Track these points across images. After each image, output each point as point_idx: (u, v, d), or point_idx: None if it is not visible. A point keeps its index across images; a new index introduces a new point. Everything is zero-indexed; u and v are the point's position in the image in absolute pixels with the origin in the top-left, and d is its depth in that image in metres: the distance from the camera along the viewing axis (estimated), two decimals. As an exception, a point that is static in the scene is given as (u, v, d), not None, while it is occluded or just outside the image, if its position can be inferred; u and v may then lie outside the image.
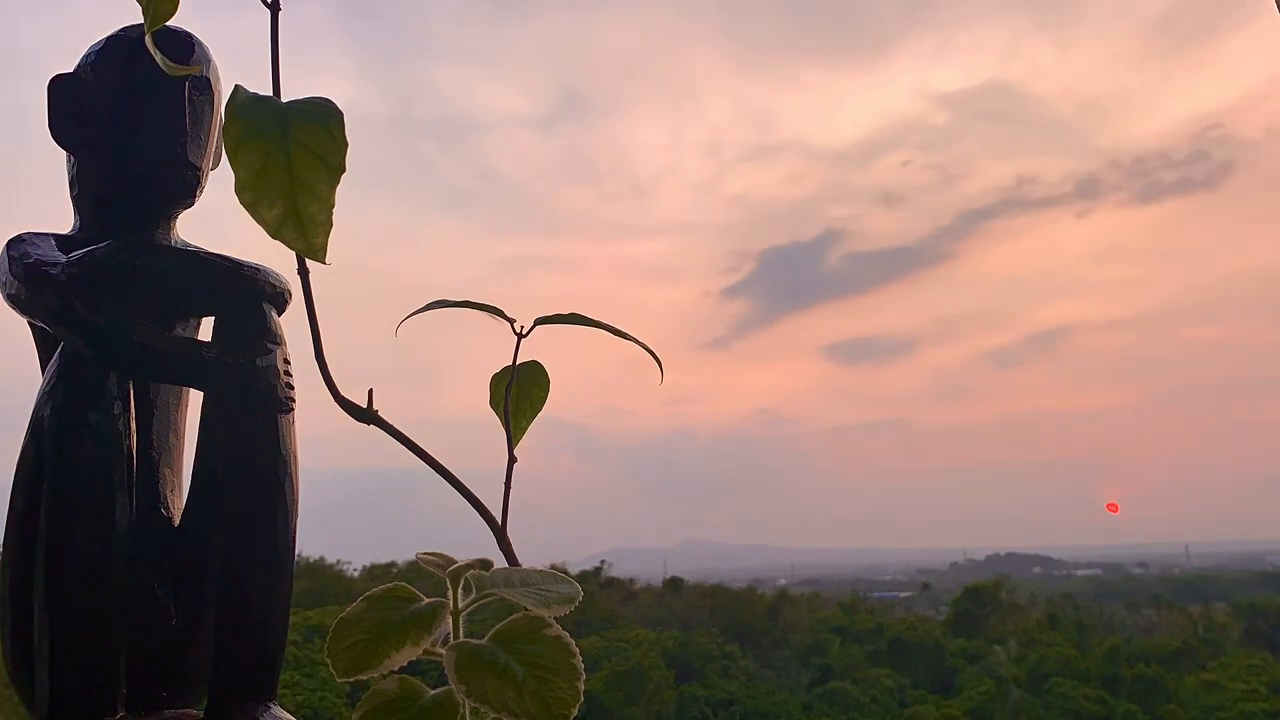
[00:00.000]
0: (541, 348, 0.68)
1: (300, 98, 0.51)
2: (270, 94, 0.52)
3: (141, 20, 0.51)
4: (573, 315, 0.67)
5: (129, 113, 1.02)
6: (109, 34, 1.05)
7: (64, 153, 1.06)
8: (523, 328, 0.67)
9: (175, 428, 1.07)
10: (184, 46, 1.03)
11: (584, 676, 0.52)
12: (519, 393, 0.71)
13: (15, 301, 0.96)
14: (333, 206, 0.49)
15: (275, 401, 0.98)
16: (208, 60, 1.05)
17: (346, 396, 0.59)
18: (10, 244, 0.97)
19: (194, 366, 0.98)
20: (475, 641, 0.53)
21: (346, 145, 0.50)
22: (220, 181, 1.08)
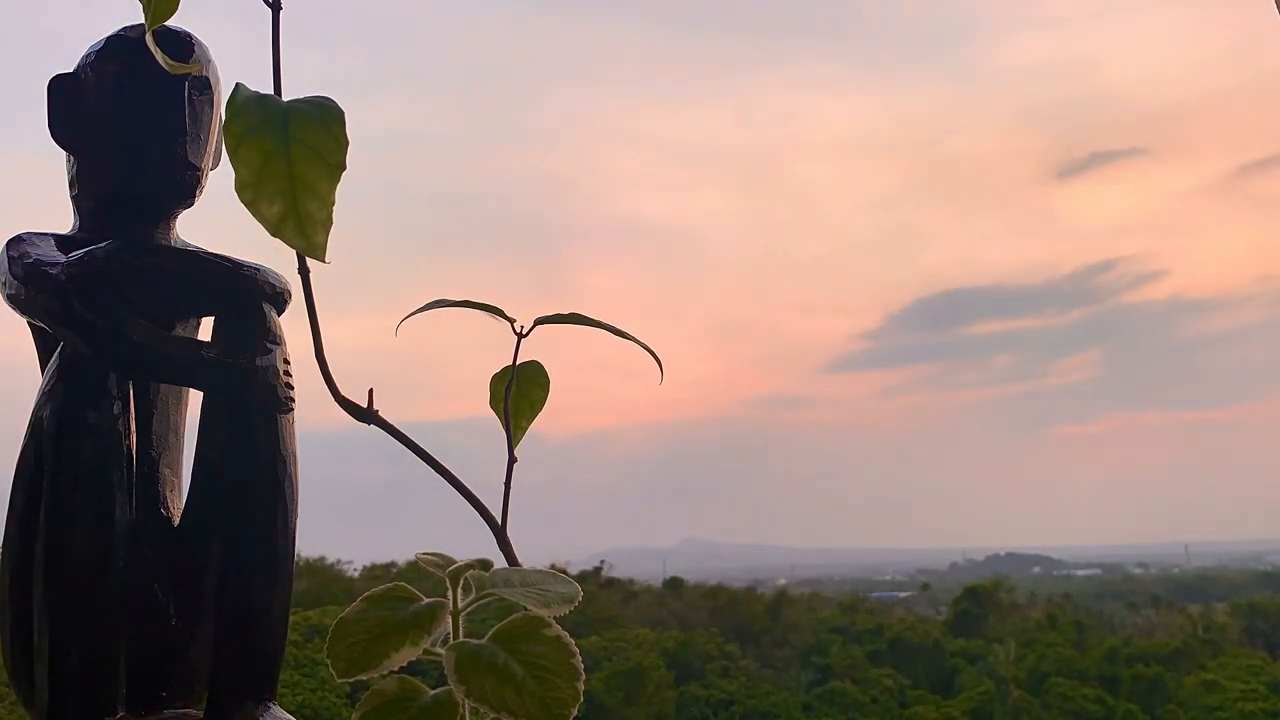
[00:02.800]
0: (542, 347, 0.68)
1: (301, 96, 0.51)
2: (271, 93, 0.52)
3: (141, 20, 0.51)
4: (573, 315, 0.67)
5: (129, 113, 1.01)
6: (109, 34, 1.04)
7: (64, 153, 1.06)
8: (523, 327, 0.67)
9: (175, 428, 1.06)
10: (184, 46, 1.02)
11: (584, 676, 0.52)
12: (519, 393, 0.71)
13: (15, 301, 0.96)
14: (333, 205, 0.49)
15: (275, 401, 0.98)
16: (208, 60, 1.05)
17: (346, 396, 0.59)
18: (10, 244, 0.97)
19: (194, 366, 0.97)
20: (475, 641, 0.53)
21: (347, 143, 0.50)
22: (221, 181, 1.07)
